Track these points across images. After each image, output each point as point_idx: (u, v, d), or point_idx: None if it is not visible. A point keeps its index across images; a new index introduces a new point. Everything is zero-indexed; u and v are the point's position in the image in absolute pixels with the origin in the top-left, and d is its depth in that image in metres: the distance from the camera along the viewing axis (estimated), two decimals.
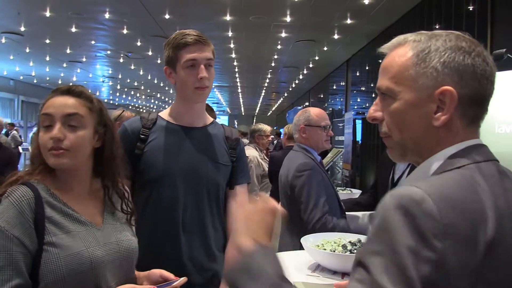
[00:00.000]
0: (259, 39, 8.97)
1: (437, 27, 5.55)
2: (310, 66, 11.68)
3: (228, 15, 7.35)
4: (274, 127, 18.39)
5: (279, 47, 9.59)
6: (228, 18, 7.46)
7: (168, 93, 19.66)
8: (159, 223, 1.59)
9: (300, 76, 13.59)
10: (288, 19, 7.41)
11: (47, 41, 9.65)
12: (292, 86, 15.94)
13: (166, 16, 7.44)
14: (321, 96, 15.28)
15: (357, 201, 3.07)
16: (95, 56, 11.61)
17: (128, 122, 1.69)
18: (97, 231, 1.18)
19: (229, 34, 8.55)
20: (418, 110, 0.78)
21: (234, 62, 11.53)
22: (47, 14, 7.46)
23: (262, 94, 19.79)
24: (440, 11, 5.75)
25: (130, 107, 25.06)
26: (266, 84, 16.27)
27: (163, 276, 1.27)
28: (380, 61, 0.85)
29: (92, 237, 1.16)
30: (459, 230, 0.64)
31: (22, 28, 8.61)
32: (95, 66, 13.54)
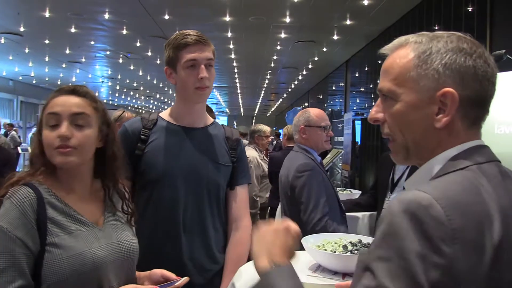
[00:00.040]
0: (259, 39, 8.97)
1: (436, 28, 5.56)
2: (310, 66, 11.69)
3: (227, 16, 7.35)
4: (273, 128, 18.41)
5: (278, 47, 9.59)
6: (227, 18, 7.46)
7: (167, 93, 19.64)
8: (160, 224, 1.59)
9: (300, 77, 13.59)
10: (287, 20, 7.41)
11: (47, 41, 9.64)
12: (292, 86, 15.94)
13: (166, 17, 7.44)
14: (320, 96, 15.28)
15: (357, 201, 3.08)
16: (94, 56, 11.61)
17: (128, 123, 1.69)
18: (98, 232, 1.19)
19: (228, 35, 8.55)
20: (420, 111, 0.78)
21: (234, 62, 11.53)
22: (47, 14, 7.46)
23: (261, 95, 19.78)
24: (439, 12, 5.76)
25: (129, 107, 25.03)
26: (265, 85, 16.27)
27: (165, 276, 1.27)
28: (379, 62, 0.86)
29: (94, 237, 1.16)
30: (467, 234, 0.64)
31: (22, 29, 8.60)
32: (95, 66, 13.53)
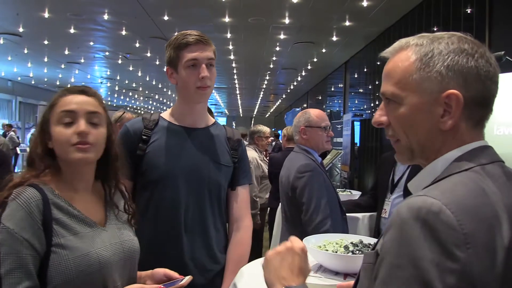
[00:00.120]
0: (258, 40, 8.97)
1: (435, 30, 5.57)
2: (309, 67, 11.69)
3: (227, 17, 7.35)
4: (273, 129, 18.42)
5: (277, 48, 9.60)
6: (226, 19, 7.46)
7: (166, 94, 19.63)
8: (161, 224, 1.59)
9: (299, 78, 13.60)
10: (286, 21, 7.42)
11: (46, 42, 9.63)
12: (290, 87, 15.95)
13: (165, 18, 7.44)
14: (319, 97, 15.28)
15: (357, 202, 3.08)
16: (93, 57, 11.60)
17: (130, 123, 1.69)
18: (102, 232, 1.18)
19: (227, 36, 8.56)
20: (424, 114, 0.78)
21: (233, 63, 11.53)
22: (46, 15, 7.45)
23: (260, 96, 19.79)
24: (438, 14, 5.76)
25: (128, 108, 25.01)
26: (264, 86, 16.28)
27: (167, 275, 1.27)
28: (378, 63, 0.86)
29: (98, 238, 1.16)
30: (479, 238, 0.64)
31: (21, 29, 8.59)
32: (94, 67, 13.51)
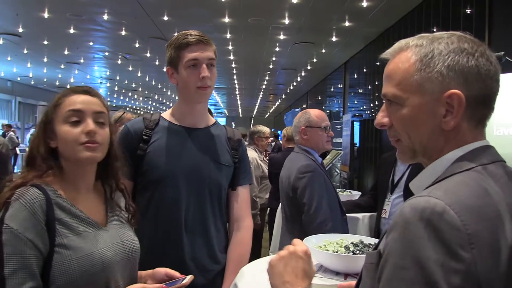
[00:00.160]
0: (258, 41, 8.97)
1: (435, 30, 5.57)
2: (308, 68, 11.69)
3: (226, 17, 7.35)
4: (272, 129, 18.39)
5: (277, 49, 9.59)
6: (226, 20, 7.46)
7: (166, 94, 19.62)
8: (162, 224, 1.59)
9: (298, 78, 13.60)
10: (286, 21, 7.42)
11: (45, 42, 9.62)
12: (290, 88, 15.95)
13: (165, 18, 7.43)
14: (318, 98, 15.28)
15: (357, 202, 3.08)
16: (93, 57, 11.59)
17: (130, 123, 1.69)
18: (104, 232, 1.19)
19: (227, 36, 8.56)
20: (427, 115, 0.78)
21: (232, 64, 11.53)
22: (45, 15, 7.44)
23: (260, 96, 19.79)
24: (438, 14, 5.77)
25: (128, 108, 24.98)
26: (264, 86, 16.27)
27: (169, 274, 1.27)
28: (378, 63, 0.86)
29: (100, 238, 1.16)
30: (483, 237, 0.64)
31: (20, 29, 8.58)
32: (93, 67, 13.50)
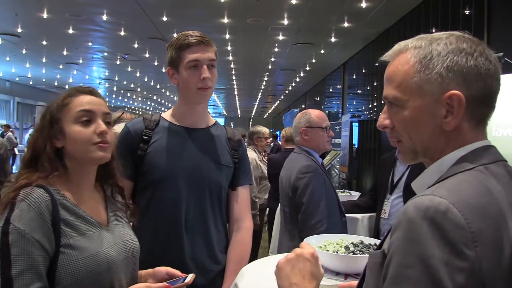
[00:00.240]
0: (257, 41, 8.98)
1: (434, 31, 5.52)
2: (307, 68, 11.71)
3: (225, 18, 7.36)
4: (271, 130, 18.40)
5: (276, 49, 9.60)
6: (225, 20, 7.47)
7: (165, 95, 19.61)
8: (162, 224, 1.59)
9: (297, 79, 13.61)
10: (285, 22, 7.43)
11: (44, 42, 9.61)
12: (289, 88, 15.96)
13: (164, 18, 7.43)
14: (317, 98, 15.30)
15: (356, 203, 3.09)
16: (91, 58, 11.59)
17: (131, 123, 1.69)
18: (106, 232, 1.19)
19: (226, 37, 8.56)
20: (427, 116, 0.78)
21: (231, 64, 11.54)
22: (44, 15, 7.44)
23: (259, 97, 19.80)
24: (437, 15, 5.78)
25: (127, 109, 24.97)
26: (262, 87, 16.28)
27: (169, 273, 1.27)
28: (377, 64, 0.86)
29: (104, 237, 1.16)
30: (486, 236, 0.64)
31: (19, 30, 8.57)
32: (92, 68, 13.50)
